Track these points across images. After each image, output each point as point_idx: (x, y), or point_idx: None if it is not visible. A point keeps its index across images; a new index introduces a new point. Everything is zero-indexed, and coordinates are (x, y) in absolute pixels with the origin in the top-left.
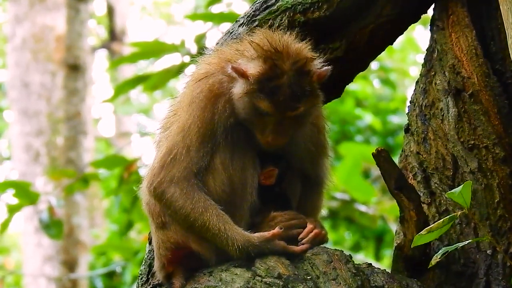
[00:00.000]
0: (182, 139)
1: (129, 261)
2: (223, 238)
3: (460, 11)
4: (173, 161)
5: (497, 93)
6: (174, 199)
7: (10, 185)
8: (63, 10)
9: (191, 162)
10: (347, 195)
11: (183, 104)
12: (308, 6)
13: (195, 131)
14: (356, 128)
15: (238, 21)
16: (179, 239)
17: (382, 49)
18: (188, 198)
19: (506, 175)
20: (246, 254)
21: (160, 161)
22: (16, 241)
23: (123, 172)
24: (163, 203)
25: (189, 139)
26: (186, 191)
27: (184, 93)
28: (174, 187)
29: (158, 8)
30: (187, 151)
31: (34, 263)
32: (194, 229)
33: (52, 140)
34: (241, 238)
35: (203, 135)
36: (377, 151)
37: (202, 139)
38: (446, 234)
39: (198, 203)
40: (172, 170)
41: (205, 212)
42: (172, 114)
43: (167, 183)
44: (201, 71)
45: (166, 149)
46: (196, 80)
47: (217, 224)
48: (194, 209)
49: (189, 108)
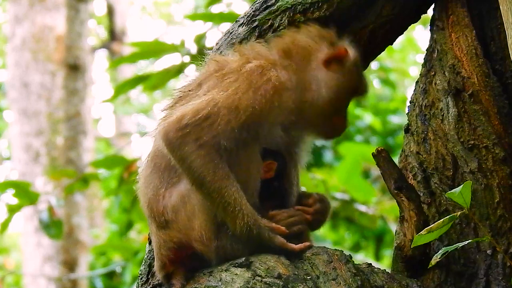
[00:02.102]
0: (228, 113)
1: (129, 261)
2: (236, 209)
3: (460, 11)
4: (208, 126)
5: (497, 93)
6: (194, 157)
7: (10, 185)
8: (63, 10)
9: (223, 136)
10: (347, 195)
11: (234, 88)
12: (308, 6)
13: (247, 113)
14: (356, 128)
15: (238, 21)
16: (182, 238)
17: (382, 49)
18: (211, 161)
19: (506, 175)
20: (247, 232)
21: (192, 118)
22: (16, 241)
23: (123, 172)
24: (177, 153)
25: (236, 117)
26: (211, 156)
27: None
28: (197, 147)
29: (158, 8)
30: (227, 124)
31: (34, 263)
32: (203, 189)
33: (52, 140)
34: (252, 215)
35: (252, 120)
36: (377, 151)
37: (248, 123)
38: (446, 234)
39: (221, 169)
40: (202, 132)
41: (225, 178)
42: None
43: (192, 141)
44: (253, 63)
45: (205, 113)
46: (255, 72)
47: (234, 194)
48: (215, 172)
49: (250, 94)
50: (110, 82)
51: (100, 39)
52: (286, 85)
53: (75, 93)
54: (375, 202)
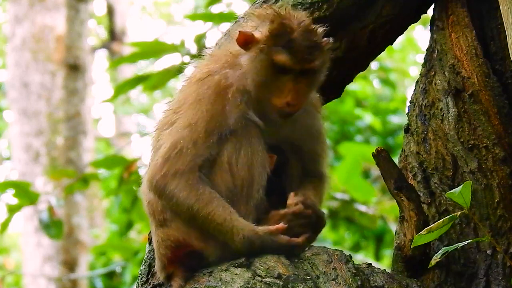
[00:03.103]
0: (189, 133)
1: (129, 261)
2: (228, 227)
3: (460, 11)
4: (178, 155)
5: (497, 93)
6: (177, 191)
7: (10, 185)
8: (63, 10)
9: (196, 155)
10: (347, 195)
11: (188, 102)
12: (308, 6)
13: (203, 125)
14: (356, 128)
15: (238, 21)
16: (180, 236)
17: (382, 49)
18: (192, 189)
19: (506, 175)
20: (249, 245)
21: (164, 155)
22: (16, 241)
23: (123, 172)
24: (165, 196)
25: (197, 133)
26: (191, 183)
27: (186, 92)
28: (178, 179)
29: (158, 8)
30: (194, 144)
31: (34, 263)
32: (196, 220)
33: (52, 140)
34: (247, 228)
35: (212, 127)
36: (377, 151)
37: (210, 132)
38: (446, 234)
39: (203, 195)
40: (177, 163)
41: (210, 203)
42: (172, 113)
43: (171, 176)
44: (203, 70)
45: (171, 144)
46: (201, 79)
47: (222, 214)
48: (199, 199)
49: (197, 105)
50: (110, 82)
51: (100, 39)
52: (228, 84)
53: (75, 93)
54: (375, 202)
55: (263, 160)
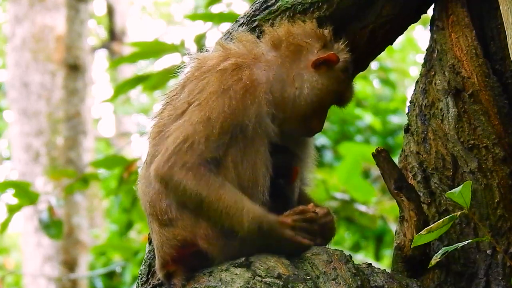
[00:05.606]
0: (203, 128)
1: (129, 261)
2: (239, 208)
3: (460, 11)
4: (189, 149)
5: (497, 93)
6: (186, 179)
7: (10, 185)
8: (63, 10)
9: (206, 151)
10: (347, 195)
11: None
12: (308, 6)
13: (220, 121)
14: (356, 128)
15: (238, 21)
16: (187, 236)
17: (382, 49)
18: (202, 178)
19: (506, 175)
20: (258, 228)
21: (173, 147)
22: (16, 241)
23: (123, 172)
24: (171, 184)
25: (212, 128)
26: (202, 173)
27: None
28: (186, 171)
29: (158, 8)
30: (206, 139)
31: (34, 263)
32: (204, 206)
33: (52, 140)
34: (258, 210)
35: (229, 124)
36: (377, 151)
37: (226, 129)
38: (446, 234)
39: (214, 182)
40: (186, 156)
41: (221, 188)
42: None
43: (179, 168)
44: (226, 62)
45: (183, 137)
46: (226, 69)
47: (233, 196)
48: (209, 186)
49: (220, 94)
50: (110, 82)
51: (100, 39)
52: (260, 81)
53: (75, 93)
54: (375, 202)
55: (266, 161)
